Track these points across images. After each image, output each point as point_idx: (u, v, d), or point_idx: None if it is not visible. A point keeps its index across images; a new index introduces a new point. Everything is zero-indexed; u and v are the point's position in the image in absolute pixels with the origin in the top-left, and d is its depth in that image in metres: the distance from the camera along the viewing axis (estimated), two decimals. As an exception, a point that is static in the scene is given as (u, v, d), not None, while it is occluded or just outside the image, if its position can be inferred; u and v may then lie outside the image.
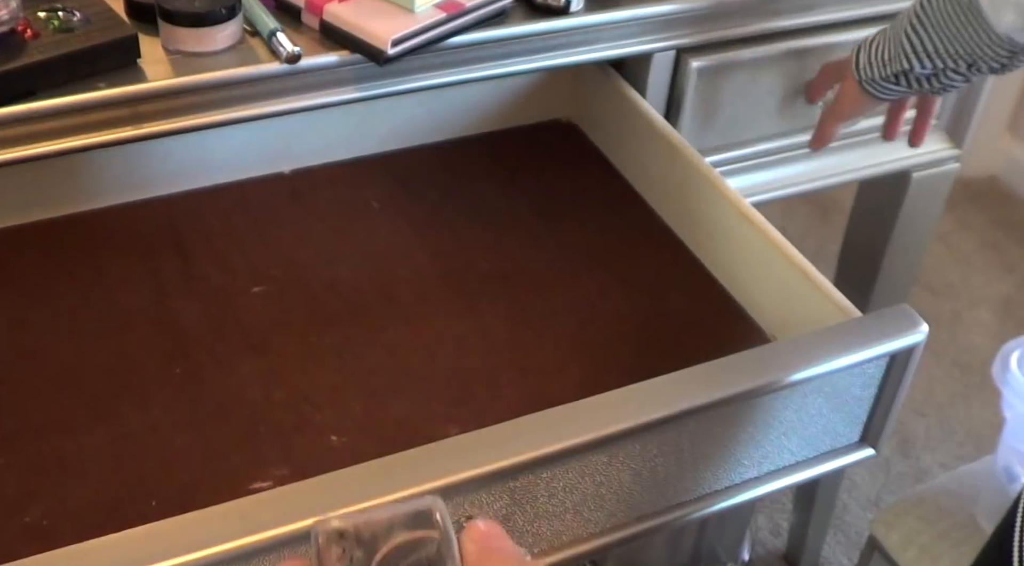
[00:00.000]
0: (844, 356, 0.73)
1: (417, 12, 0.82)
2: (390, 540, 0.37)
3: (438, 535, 0.37)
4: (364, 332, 0.85)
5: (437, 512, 0.38)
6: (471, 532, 0.38)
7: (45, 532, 0.68)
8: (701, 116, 1.03)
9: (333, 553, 0.37)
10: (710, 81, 1.01)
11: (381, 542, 0.37)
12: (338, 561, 0.37)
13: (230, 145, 0.97)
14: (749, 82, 1.03)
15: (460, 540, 0.38)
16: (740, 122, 1.06)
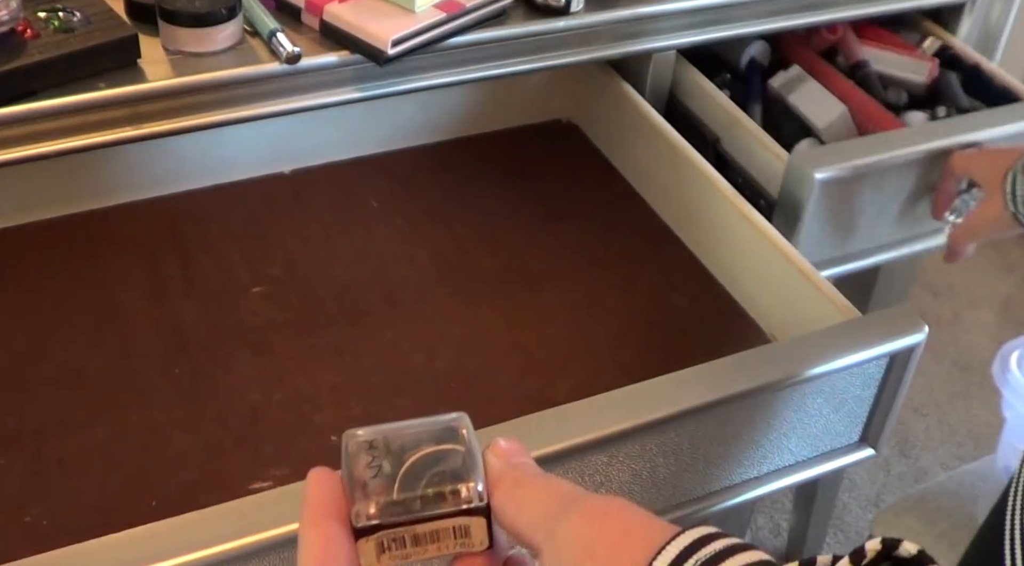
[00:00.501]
0: (844, 356, 0.73)
1: (417, 12, 0.82)
2: (417, 452, 0.38)
3: (463, 449, 0.39)
4: (364, 332, 0.85)
5: (463, 428, 0.40)
6: (495, 448, 0.39)
7: (45, 532, 0.68)
8: (820, 228, 0.93)
9: (362, 461, 0.38)
10: (833, 191, 0.91)
11: (409, 453, 0.38)
12: (366, 468, 0.38)
13: (230, 145, 0.97)
14: (873, 190, 0.94)
15: (484, 455, 0.39)
16: (860, 231, 0.98)
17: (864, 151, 0.92)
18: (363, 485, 0.38)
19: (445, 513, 0.38)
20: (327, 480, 0.39)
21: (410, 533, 0.38)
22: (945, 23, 1.16)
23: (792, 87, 1.05)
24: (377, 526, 0.37)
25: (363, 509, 0.37)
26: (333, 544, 0.37)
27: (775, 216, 0.93)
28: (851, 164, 0.90)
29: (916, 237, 1.02)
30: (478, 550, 0.38)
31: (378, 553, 0.38)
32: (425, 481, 0.38)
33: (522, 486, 0.38)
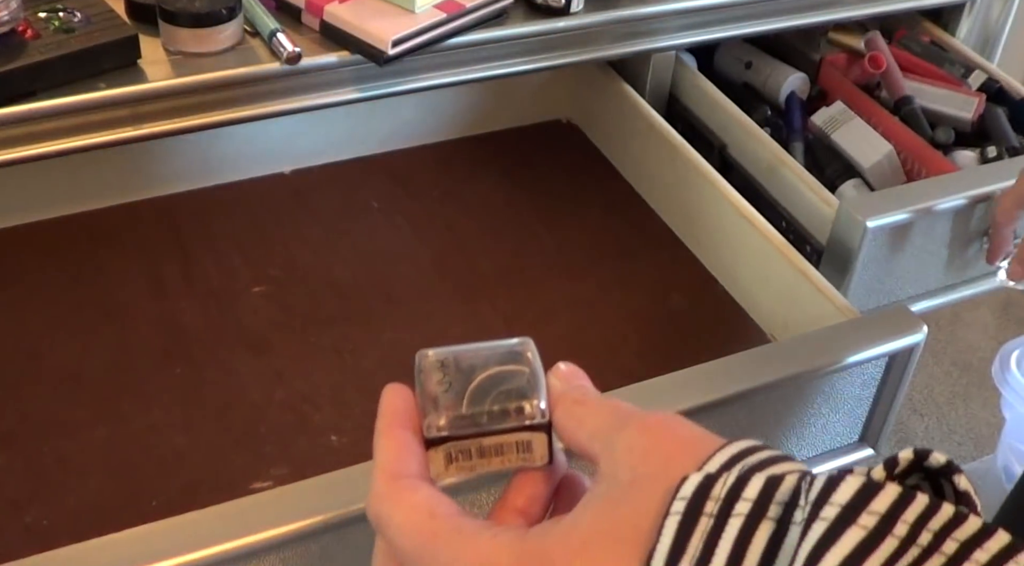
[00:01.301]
0: (844, 356, 0.73)
1: (417, 12, 0.82)
2: (485, 371, 0.42)
3: (528, 370, 0.42)
4: (364, 332, 0.85)
5: (528, 351, 0.43)
6: (556, 372, 0.43)
7: (45, 532, 0.68)
8: (870, 276, 0.91)
9: (433, 378, 0.42)
10: (884, 239, 0.88)
11: (477, 372, 0.42)
12: (438, 384, 0.41)
13: (230, 145, 0.97)
14: (924, 235, 0.91)
15: (547, 377, 0.42)
16: (910, 278, 0.95)
17: (917, 197, 0.89)
18: (434, 400, 0.41)
19: (509, 428, 0.40)
20: (401, 393, 0.42)
21: (476, 445, 0.41)
22: (945, 23, 1.16)
23: (835, 124, 1.02)
24: (446, 437, 0.40)
25: (434, 421, 0.40)
26: (405, 449, 0.40)
27: (823, 263, 0.90)
28: (904, 211, 0.87)
29: (966, 283, 0.99)
30: (538, 465, 0.41)
31: (446, 463, 0.41)
32: (491, 398, 0.41)
33: (582, 404, 0.41)
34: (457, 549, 0.37)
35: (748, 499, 0.33)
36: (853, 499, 0.32)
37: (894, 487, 0.32)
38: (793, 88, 1.06)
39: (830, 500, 0.32)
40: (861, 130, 1.00)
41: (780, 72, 1.08)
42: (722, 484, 0.33)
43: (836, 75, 1.08)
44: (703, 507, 0.33)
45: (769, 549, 0.32)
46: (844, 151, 1.00)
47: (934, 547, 0.31)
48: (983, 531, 0.31)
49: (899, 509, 0.31)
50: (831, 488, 0.32)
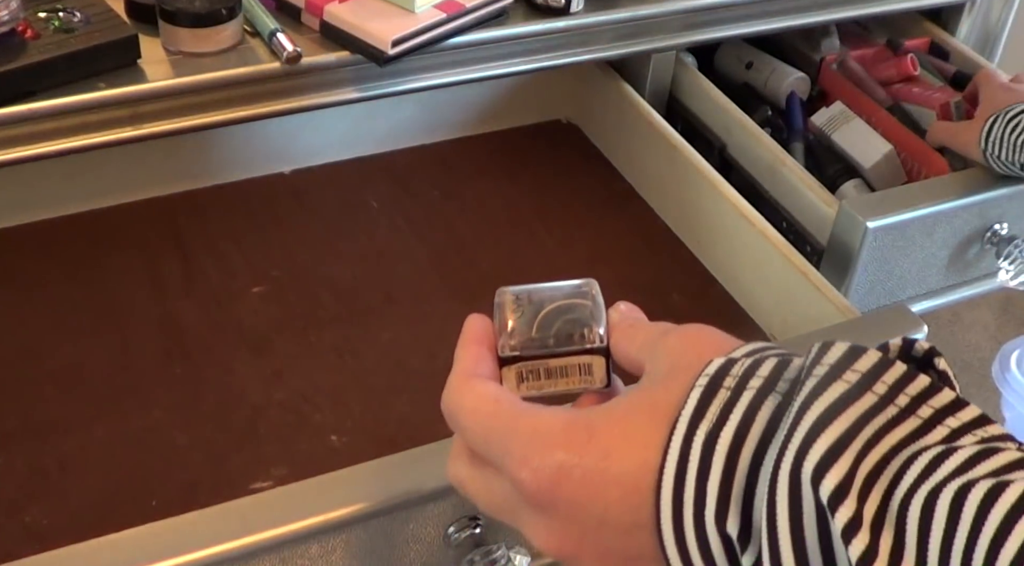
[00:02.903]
0: (844, 356, 0.73)
1: (417, 12, 0.82)
2: (553, 303, 0.47)
3: (590, 303, 0.48)
4: (364, 332, 0.85)
5: (592, 290, 0.49)
6: (618, 306, 0.49)
7: (45, 532, 0.68)
8: (870, 277, 0.91)
9: (508, 309, 0.48)
10: (884, 239, 0.88)
11: (547, 304, 0.47)
12: (512, 313, 0.47)
13: (230, 145, 0.97)
14: (924, 236, 0.91)
15: (607, 311, 0.48)
16: (910, 278, 0.95)
17: (917, 198, 0.90)
18: (508, 326, 0.47)
19: (573, 350, 0.46)
20: (480, 321, 0.49)
21: (543, 366, 0.46)
22: (945, 23, 1.15)
23: (835, 125, 1.02)
24: (517, 357, 0.46)
25: (507, 342, 0.47)
26: (482, 360, 0.46)
27: (823, 263, 0.90)
28: (904, 212, 0.88)
29: (965, 283, 0.99)
30: (598, 387, 0.47)
31: (518, 382, 0.47)
32: (558, 325, 0.46)
33: (633, 327, 0.47)
34: (517, 422, 0.42)
35: (761, 376, 0.39)
36: (840, 359, 0.37)
37: (876, 353, 0.37)
38: (794, 88, 1.06)
39: (821, 361, 0.37)
40: (861, 130, 1.00)
41: (781, 72, 1.08)
42: (740, 365, 0.39)
43: (837, 75, 1.07)
44: (722, 382, 0.39)
45: (774, 416, 0.37)
46: (844, 151, 1.00)
47: (910, 410, 0.35)
48: (956, 402, 0.35)
49: (880, 371, 0.36)
50: (823, 352, 0.38)
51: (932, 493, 0.33)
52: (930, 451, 0.34)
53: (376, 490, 0.59)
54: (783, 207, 0.95)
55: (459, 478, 0.46)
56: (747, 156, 0.99)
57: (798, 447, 0.35)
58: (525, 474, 0.40)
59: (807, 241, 0.92)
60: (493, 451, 0.43)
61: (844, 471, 0.34)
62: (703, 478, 0.37)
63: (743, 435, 0.37)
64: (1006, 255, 0.96)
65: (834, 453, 0.34)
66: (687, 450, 0.38)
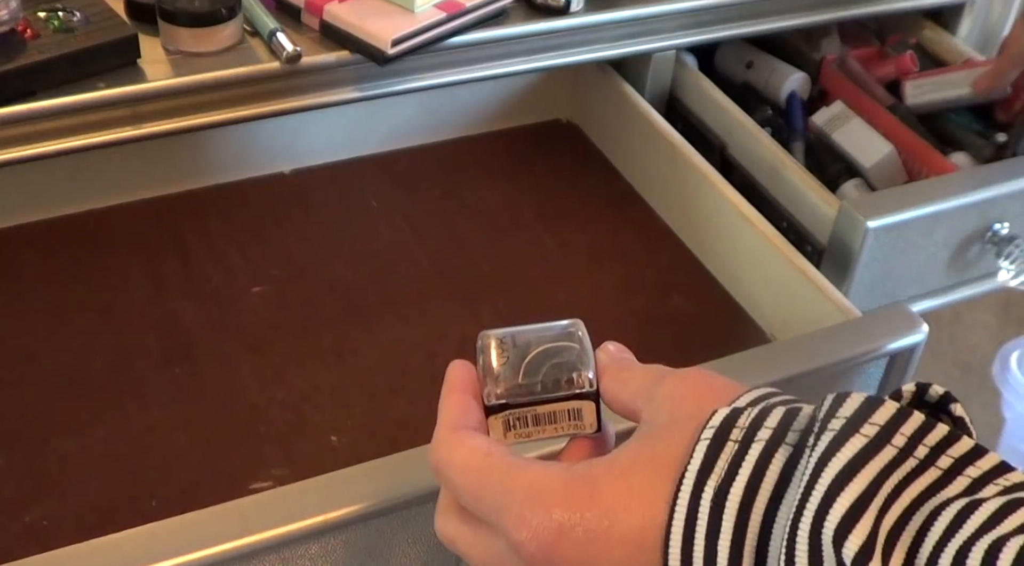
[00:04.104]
0: (844, 356, 0.73)
1: (417, 12, 0.82)
2: (539, 346, 0.46)
3: (578, 346, 0.46)
4: (364, 332, 0.85)
5: (579, 331, 0.47)
6: (604, 349, 0.47)
7: (45, 532, 0.68)
8: (870, 276, 0.90)
9: (493, 354, 0.46)
10: (885, 239, 0.88)
11: (532, 347, 0.46)
12: (496, 359, 0.46)
13: (230, 145, 0.97)
14: (925, 236, 0.91)
15: (595, 353, 0.47)
16: (910, 278, 0.95)
17: (918, 197, 0.89)
18: (493, 372, 0.46)
19: (561, 396, 0.45)
20: (463, 368, 0.47)
21: (531, 413, 0.45)
22: (945, 23, 1.15)
23: (836, 125, 1.01)
24: (504, 405, 0.45)
25: (492, 389, 0.45)
26: (466, 408, 0.45)
27: (824, 263, 0.90)
28: (905, 211, 0.88)
29: (965, 283, 0.99)
30: (588, 433, 0.46)
31: (504, 430, 0.45)
32: (545, 370, 0.45)
33: (626, 370, 0.46)
34: (511, 478, 0.41)
35: (769, 427, 0.37)
36: (857, 412, 0.36)
37: (893, 404, 0.36)
38: (794, 88, 1.06)
39: (837, 414, 0.36)
40: (862, 130, 1.00)
41: (781, 72, 1.07)
42: (747, 415, 0.38)
43: (837, 75, 1.07)
44: (729, 434, 0.37)
45: (786, 469, 0.36)
46: (845, 151, 1.00)
47: (930, 461, 0.34)
48: (975, 450, 0.34)
49: (898, 422, 0.35)
50: (839, 404, 0.36)
51: (961, 551, 0.31)
52: (954, 505, 0.33)
53: (376, 490, 0.59)
54: (783, 207, 0.95)
55: (449, 535, 0.44)
56: (748, 156, 0.99)
57: (817, 506, 0.34)
58: (524, 534, 0.39)
59: (808, 241, 0.92)
60: (486, 508, 0.41)
61: (867, 531, 0.33)
62: (713, 536, 0.36)
63: (754, 490, 0.36)
64: (1006, 255, 0.95)
65: (856, 512, 0.33)
66: (695, 506, 0.37)
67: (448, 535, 0.44)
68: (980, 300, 2.16)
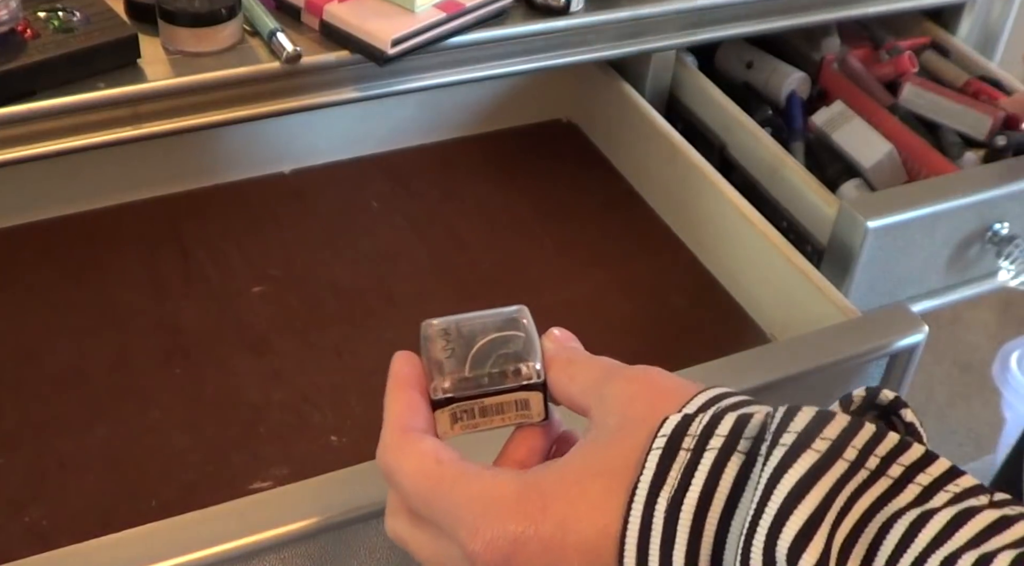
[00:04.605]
0: (844, 356, 0.73)
1: (417, 12, 0.82)
2: (485, 337, 0.45)
3: (524, 335, 0.46)
4: (364, 332, 0.85)
5: (524, 318, 0.47)
6: (550, 335, 0.47)
7: (45, 532, 0.68)
8: (870, 276, 0.90)
9: (438, 345, 0.46)
10: (885, 239, 0.88)
11: (477, 338, 0.45)
12: (442, 351, 0.45)
13: (230, 145, 0.97)
14: (925, 236, 0.91)
15: (541, 341, 0.46)
16: (911, 278, 0.95)
17: (918, 198, 0.89)
18: (439, 365, 0.45)
19: (508, 388, 0.44)
20: (409, 360, 0.46)
21: (479, 405, 0.44)
22: (945, 23, 1.15)
23: (836, 125, 1.01)
24: (451, 399, 0.44)
25: (439, 383, 0.44)
26: (413, 407, 0.44)
27: (824, 263, 0.90)
28: (905, 212, 0.88)
29: (966, 283, 0.99)
30: (536, 421, 0.45)
31: (451, 423, 0.45)
32: (491, 361, 0.44)
33: (573, 363, 0.45)
34: (462, 487, 0.40)
35: (721, 435, 0.37)
36: (809, 426, 0.36)
37: (844, 417, 0.36)
38: (794, 88, 1.06)
39: (788, 428, 0.36)
40: (862, 130, 1.00)
41: (781, 72, 1.07)
42: (698, 422, 0.38)
43: (837, 75, 1.07)
44: (681, 442, 0.38)
45: (739, 478, 0.36)
46: (845, 151, 1.00)
47: (881, 471, 0.34)
48: (925, 457, 0.34)
49: (849, 435, 0.35)
50: (789, 418, 0.37)
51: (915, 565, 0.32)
52: (906, 517, 0.33)
53: (376, 490, 0.59)
54: (783, 207, 0.95)
55: (400, 536, 0.44)
56: (747, 156, 0.99)
57: (771, 524, 0.34)
58: (478, 546, 0.39)
59: (808, 241, 0.92)
60: (438, 515, 0.41)
61: (820, 548, 0.33)
62: (668, 546, 0.36)
63: (708, 500, 0.36)
64: (1006, 255, 0.95)
65: (809, 529, 0.33)
66: (649, 517, 0.37)
67: (399, 536, 0.44)
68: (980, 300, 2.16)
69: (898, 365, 0.76)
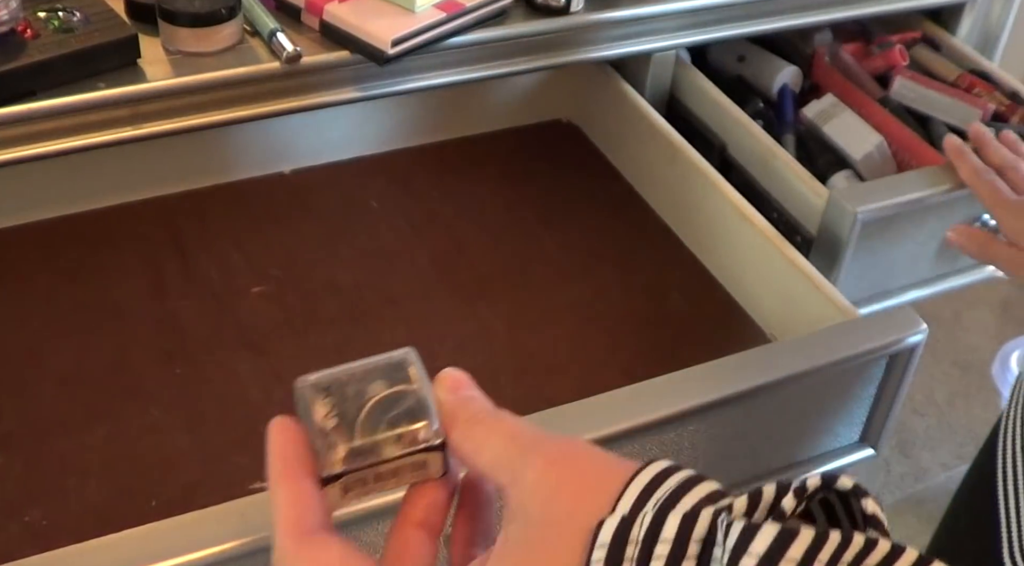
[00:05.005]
0: (844, 356, 0.73)
1: (417, 12, 0.82)
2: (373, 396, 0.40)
3: (414, 387, 0.41)
4: (364, 332, 0.85)
5: (411, 365, 0.42)
6: (444, 381, 0.41)
7: (45, 532, 0.68)
8: (859, 265, 0.91)
9: (320, 410, 0.40)
10: (874, 229, 0.89)
11: (365, 398, 0.40)
12: (326, 417, 0.40)
13: (230, 145, 0.97)
14: (914, 226, 0.92)
15: (434, 390, 0.41)
16: (900, 268, 0.96)
17: (907, 188, 0.90)
18: (324, 435, 0.40)
19: (405, 453, 0.39)
20: (289, 432, 0.40)
21: (373, 472, 0.39)
22: (945, 23, 1.16)
23: (826, 117, 1.02)
24: (343, 473, 0.39)
25: (329, 459, 0.39)
26: (305, 499, 0.39)
27: (813, 253, 0.91)
28: (894, 202, 0.88)
29: (957, 272, 1.00)
30: (433, 478, 0.40)
31: (343, 493, 0.40)
32: (383, 425, 0.40)
33: (477, 423, 0.40)
34: None
35: (666, 540, 0.33)
36: (770, 548, 0.32)
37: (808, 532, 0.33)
38: (786, 81, 1.07)
39: (748, 550, 0.32)
40: (852, 122, 1.01)
41: (773, 65, 1.08)
42: (639, 526, 0.34)
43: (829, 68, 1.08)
44: (624, 552, 0.34)
45: None
46: (835, 143, 1.01)
47: None
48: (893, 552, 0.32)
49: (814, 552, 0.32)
50: (748, 537, 0.33)
51: None
52: None
53: (376, 490, 0.59)
54: (774, 198, 0.96)
55: None
56: (739, 149, 0.99)
57: None
58: None
59: (798, 231, 0.93)
60: None
61: None
62: None
63: None
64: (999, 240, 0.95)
65: None
66: None
67: None
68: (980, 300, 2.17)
69: (898, 365, 0.76)
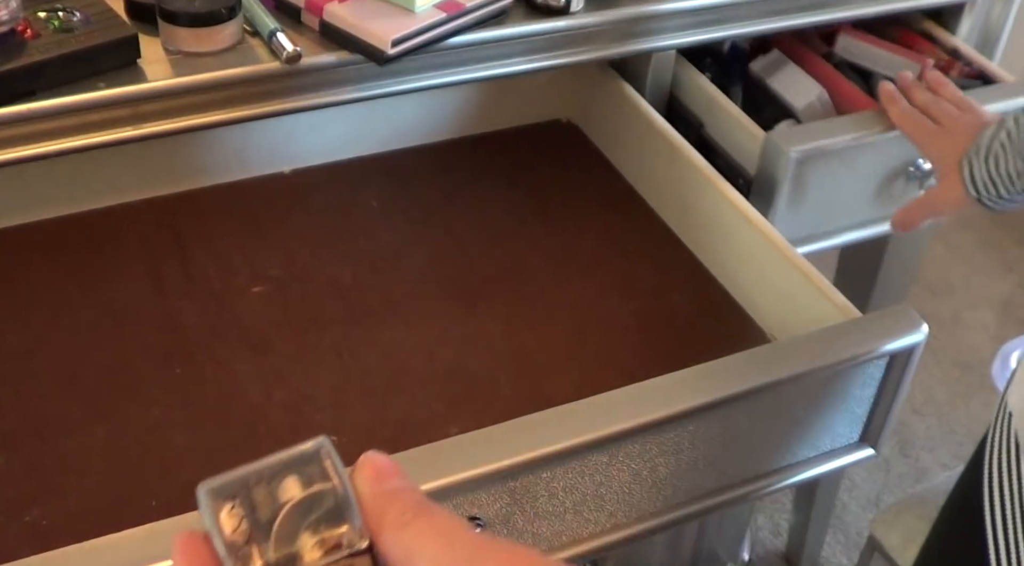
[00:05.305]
0: (844, 356, 0.73)
1: (417, 12, 0.82)
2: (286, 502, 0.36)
3: (332, 485, 0.37)
4: (364, 332, 0.85)
5: (326, 459, 0.37)
6: (364, 471, 0.37)
7: (45, 532, 0.68)
8: (795, 205, 0.95)
9: (229, 522, 0.36)
10: (808, 169, 0.93)
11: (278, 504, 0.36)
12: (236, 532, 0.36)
13: (230, 145, 0.97)
14: (847, 168, 0.95)
15: (354, 483, 0.37)
16: (836, 210, 0.99)
17: (839, 130, 0.94)
18: (236, 550, 0.36)
19: (329, 563, 0.35)
20: (194, 550, 0.36)
21: None
22: (945, 23, 1.16)
23: (772, 70, 1.07)
24: None
25: None
26: None
27: (752, 194, 0.95)
28: (826, 142, 0.93)
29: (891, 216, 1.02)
30: None
31: None
32: (302, 533, 0.36)
33: (406, 527, 0.35)
34: None
35: None
36: None
37: None
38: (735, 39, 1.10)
39: None
40: (795, 75, 1.05)
41: None
42: None
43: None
44: None
45: None
46: (779, 94, 1.04)
47: None
48: None
49: None
50: None
51: None
52: None
53: (376, 490, 0.59)
54: (720, 145, 0.99)
55: None
56: (692, 99, 1.03)
57: None
58: None
59: (740, 175, 0.96)
60: None
61: None
62: None
63: None
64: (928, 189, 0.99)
65: None
66: None
67: None
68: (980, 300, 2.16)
69: (898, 365, 0.76)
